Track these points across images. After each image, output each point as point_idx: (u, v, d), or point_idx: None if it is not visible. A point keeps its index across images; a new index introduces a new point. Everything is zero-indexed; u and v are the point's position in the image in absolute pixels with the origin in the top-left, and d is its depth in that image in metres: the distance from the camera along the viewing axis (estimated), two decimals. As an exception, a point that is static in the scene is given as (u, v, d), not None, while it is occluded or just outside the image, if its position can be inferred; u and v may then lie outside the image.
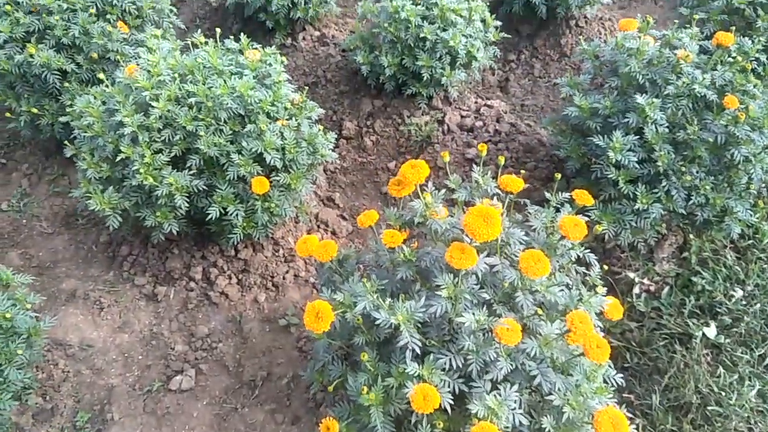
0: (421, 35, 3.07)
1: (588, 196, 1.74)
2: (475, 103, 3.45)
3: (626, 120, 2.29)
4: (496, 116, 3.32)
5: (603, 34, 3.96)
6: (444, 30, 3.09)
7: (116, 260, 2.81)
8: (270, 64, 2.57)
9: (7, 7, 2.81)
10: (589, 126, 2.42)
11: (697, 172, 2.29)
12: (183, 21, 3.89)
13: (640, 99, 2.25)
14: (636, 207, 2.28)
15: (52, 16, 2.83)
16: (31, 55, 2.78)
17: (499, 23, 3.35)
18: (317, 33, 3.96)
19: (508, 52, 3.95)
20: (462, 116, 3.36)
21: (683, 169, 2.26)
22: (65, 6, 2.87)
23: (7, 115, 2.97)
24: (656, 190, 2.29)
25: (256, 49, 2.61)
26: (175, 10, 3.34)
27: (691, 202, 2.29)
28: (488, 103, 3.44)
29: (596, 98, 2.44)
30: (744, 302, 2.46)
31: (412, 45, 3.13)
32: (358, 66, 3.31)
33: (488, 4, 3.76)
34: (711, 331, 2.36)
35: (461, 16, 3.16)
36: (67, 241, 2.96)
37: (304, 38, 3.91)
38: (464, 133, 3.28)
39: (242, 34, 2.66)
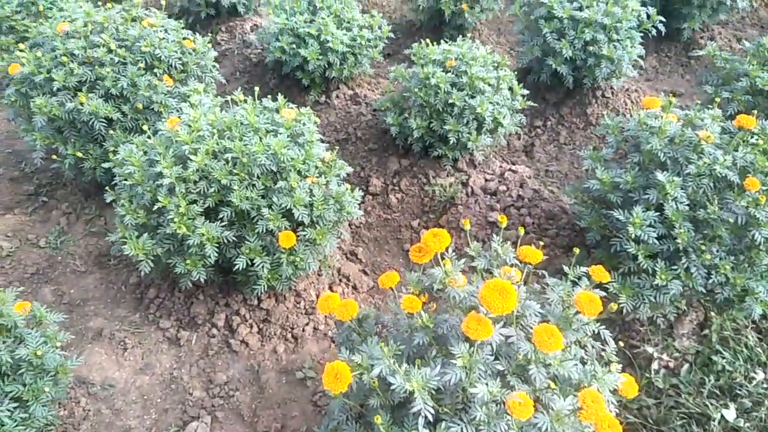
0: (450, 101, 3.19)
1: (605, 273, 1.77)
2: (500, 167, 3.54)
3: (647, 196, 2.33)
4: (520, 181, 3.39)
5: (629, 105, 4.05)
6: (472, 97, 3.21)
7: (143, 302, 2.90)
8: (304, 123, 2.70)
9: (64, 58, 3.02)
10: (610, 199, 2.47)
11: (717, 251, 2.30)
12: (224, 74, 4.11)
13: (661, 176, 2.30)
14: (655, 282, 2.30)
15: (104, 68, 3.03)
16: (81, 104, 2.96)
17: (526, 91, 3.46)
18: (350, 92, 4.13)
19: (535, 118, 4.05)
20: (486, 179, 3.44)
21: (703, 247, 2.28)
22: (117, 59, 3.08)
23: (54, 157, 3.14)
24: (676, 267, 2.31)
25: (291, 108, 2.75)
26: (216, 65, 3.53)
27: (711, 280, 2.30)
28: (513, 167, 3.52)
29: (618, 172, 2.49)
30: (765, 385, 2.42)
31: (441, 110, 3.25)
32: (388, 126, 3.44)
33: (516, 72, 3.90)
34: (730, 414, 2.32)
35: (489, 85, 3.29)
36: (98, 280, 3.06)
37: (337, 96, 4.08)
38: (488, 197, 3.35)
39: (279, 89, 2.81)
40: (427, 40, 3.42)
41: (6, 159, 3.87)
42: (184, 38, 3.35)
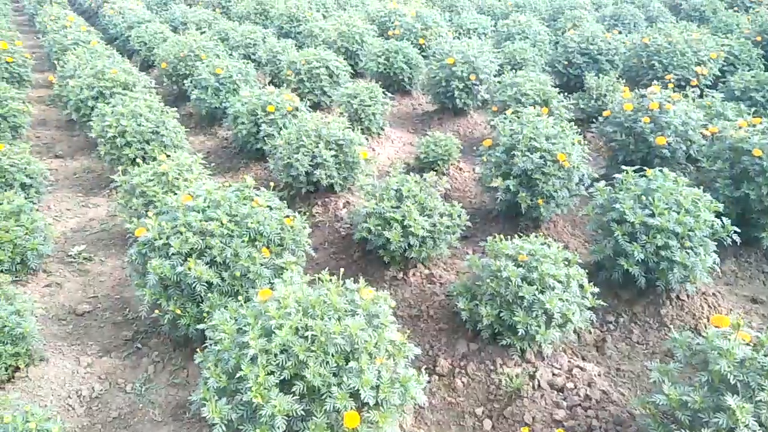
0: (520, 294, 3.34)
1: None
2: (569, 362, 3.54)
3: (717, 419, 2.28)
4: (588, 380, 3.36)
5: (705, 310, 4.01)
6: (542, 292, 3.36)
7: (208, 462, 3.01)
8: (380, 305, 2.93)
9: (182, 228, 3.51)
10: (679, 417, 2.42)
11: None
12: (314, 243, 4.53)
13: (730, 400, 2.26)
14: None
15: (214, 239, 3.49)
16: (189, 269, 3.38)
17: (596, 290, 3.56)
18: (427, 271, 4.40)
19: (607, 313, 4.08)
20: (553, 374, 3.44)
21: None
22: (226, 232, 3.54)
23: (156, 312, 3.52)
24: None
25: (370, 289, 3.00)
26: (309, 242, 3.94)
27: None
28: (581, 364, 3.51)
29: (686, 390, 2.47)
30: None
31: (511, 301, 3.40)
32: (459, 310, 3.61)
33: (588, 267, 4.04)
34: None
35: (559, 281, 3.43)
36: (171, 433, 3.23)
37: (414, 274, 4.35)
38: (554, 392, 3.33)
39: (362, 261, 3.09)
40: (501, 236, 3.68)
41: (114, 304, 4.33)
42: (285, 216, 3.81)
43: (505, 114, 5.18)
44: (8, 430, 2.56)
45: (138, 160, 5.35)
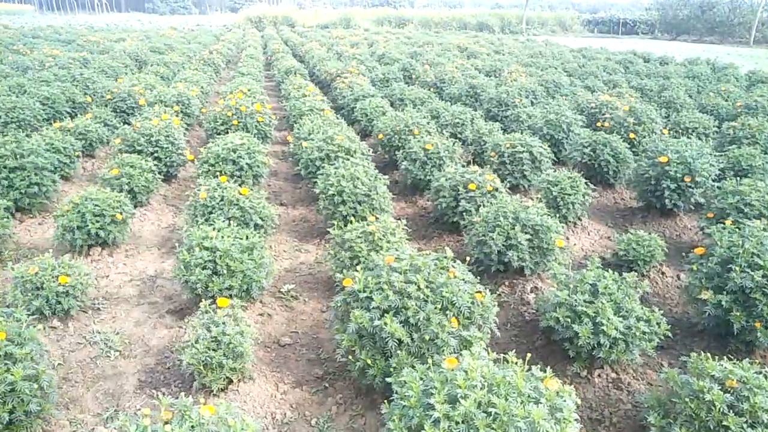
0: (724, 423, 3.03)
1: None
2: None
3: None
4: None
5: None
6: (752, 427, 3.01)
7: None
8: (564, 400, 2.89)
9: (384, 286, 3.85)
10: None
11: None
12: (497, 323, 4.59)
13: None
14: None
15: (411, 300, 3.76)
16: (385, 324, 3.68)
17: (823, 440, 3.08)
18: (614, 375, 4.17)
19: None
20: None
21: None
22: (421, 296, 3.79)
23: (349, 358, 3.86)
24: None
25: (555, 380, 2.98)
26: (497, 320, 4.02)
27: None
28: None
29: None
30: None
31: (712, 428, 3.09)
32: (648, 424, 3.36)
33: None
34: None
35: (775, 419, 3.04)
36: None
37: (599, 375, 4.16)
38: None
39: (544, 350, 3.09)
40: (707, 355, 3.40)
41: (310, 342, 4.82)
42: (477, 291, 3.97)
43: (723, 223, 4.82)
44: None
45: (349, 217, 5.98)
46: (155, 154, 8.03)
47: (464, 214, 6.28)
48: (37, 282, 4.59)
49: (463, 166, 7.07)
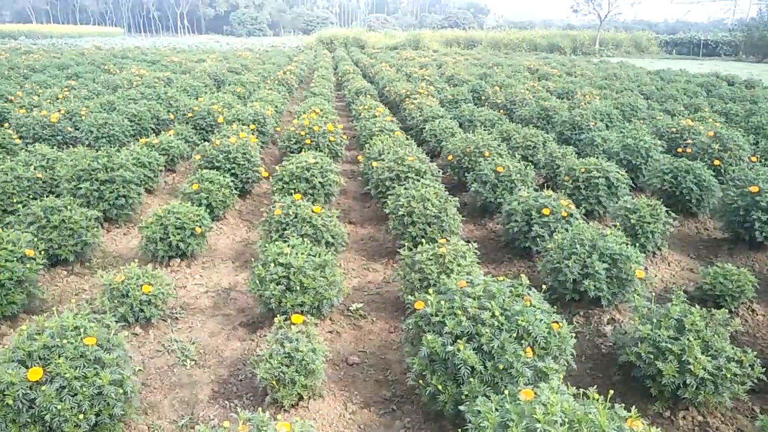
0: (832, 481, 2.77)
1: None
2: None
3: None
4: None
5: None
6: None
7: None
8: (650, 443, 2.73)
9: (458, 311, 3.79)
10: None
11: None
12: (575, 354, 4.41)
13: None
14: None
15: (485, 327, 3.68)
16: (458, 350, 3.61)
17: None
18: (700, 418, 3.91)
19: None
20: None
21: None
22: (496, 323, 3.70)
23: (420, 382, 3.81)
24: None
25: (641, 420, 2.82)
26: (574, 352, 3.87)
27: None
28: None
29: None
30: None
31: (817, 486, 2.84)
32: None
33: None
34: None
35: None
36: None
37: (684, 417, 3.91)
38: None
39: (623, 386, 2.94)
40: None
41: (378, 362, 4.80)
42: (554, 321, 3.84)
43: (825, 260, 4.46)
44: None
45: (419, 238, 5.97)
46: (232, 171, 8.34)
47: (537, 239, 6.14)
48: (123, 290, 4.83)
49: (536, 190, 6.92)
